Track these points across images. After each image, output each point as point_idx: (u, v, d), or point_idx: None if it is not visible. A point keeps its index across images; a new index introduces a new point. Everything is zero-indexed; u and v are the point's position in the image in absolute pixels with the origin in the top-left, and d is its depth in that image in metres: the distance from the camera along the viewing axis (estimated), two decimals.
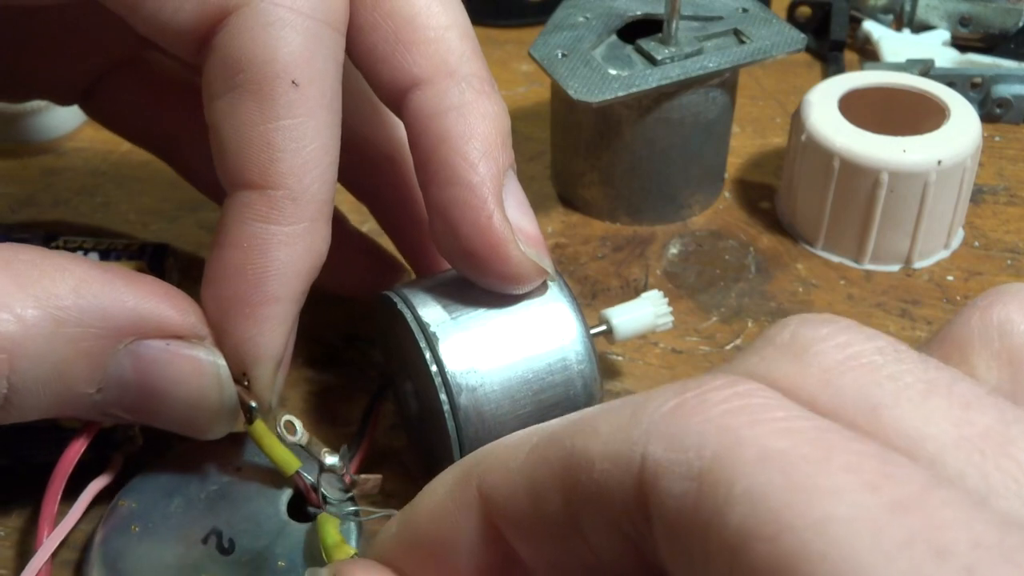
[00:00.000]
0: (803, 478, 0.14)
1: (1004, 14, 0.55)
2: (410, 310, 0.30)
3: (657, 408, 0.16)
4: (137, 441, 0.32)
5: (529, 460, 0.18)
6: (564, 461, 0.17)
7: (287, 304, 0.27)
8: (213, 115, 0.27)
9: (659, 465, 0.15)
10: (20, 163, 0.49)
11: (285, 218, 0.27)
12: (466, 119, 0.29)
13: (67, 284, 0.25)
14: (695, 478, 0.15)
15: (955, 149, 0.40)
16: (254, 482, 0.30)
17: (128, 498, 0.30)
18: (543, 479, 0.18)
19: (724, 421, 0.15)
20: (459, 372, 0.29)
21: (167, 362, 0.27)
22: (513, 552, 0.19)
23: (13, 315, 0.24)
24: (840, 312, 0.40)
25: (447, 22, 0.29)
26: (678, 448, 0.15)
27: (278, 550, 0.29)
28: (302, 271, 0.27)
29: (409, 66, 0.29)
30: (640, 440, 0.16)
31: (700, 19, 0.43)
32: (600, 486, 0.17)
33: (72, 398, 0.26)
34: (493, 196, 0.28)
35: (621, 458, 0.16)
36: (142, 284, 0.27)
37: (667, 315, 0.35)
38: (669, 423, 0.16)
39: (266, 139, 0.26)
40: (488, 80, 0.30)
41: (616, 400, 0.18)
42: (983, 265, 0.42)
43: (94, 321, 0.25)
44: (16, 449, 0.32)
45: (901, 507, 0.13)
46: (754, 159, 0.49)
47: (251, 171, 0.27)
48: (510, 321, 0.30)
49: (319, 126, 0.27)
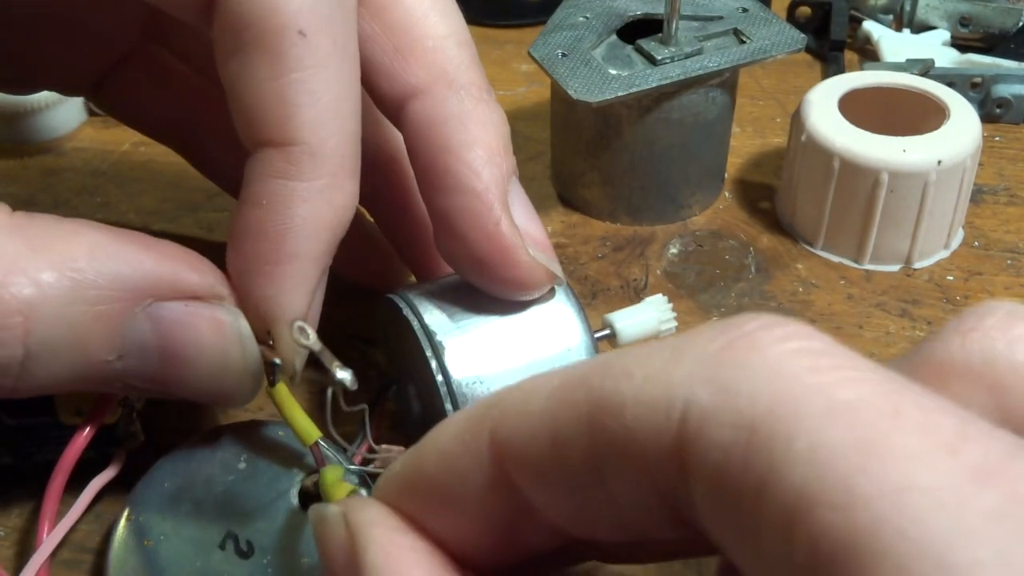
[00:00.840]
0: (877, 437, 0.12)
1: (1004, 14, 0.55)
2: (416, 317, 0.30)
3: (703, 348, 0.15)
4: (139, 437, 0.32)
5: (551, 402, 0.17)
6: (592, 404, 0.16)
7: (308, 262, 0.27)
8: (226, 76, 0.27)
9: (704, 411, 0.14)
10: (20, 163, 0.49)
11: (304, 174, 0.26)
12: (467, 127, 0.28)
13: (82, 247, 0.25)
14: (746, 427, 0.13)
15: (955, 149, 0.40)
16: (260, 478, 0.30)
17: (135, 510, 0.29)
18: (566, 422, 0.16)
19: (782, 365, 0.14)
20: (465, 382, 0.29)
21: (187, 324, 0.26)
22: (525, 500, 0.18)
23: (29, 278, 0.24)
24: (840, 312, 0.40)
25: (445, 31, 0.29)
26: (728, 393, 0.14)
27: (298, 546, 0.28)
28: (324, 228, 0.27)
29: (408, 76, 0.29)
30: (683, 382, 0.14)
31: (700, 19, 0.43)
32: (631, 433, 0.15)
33: (91, 366, 0.25)
34: (499, 202, 0.28)
35: (659, 402, 0.15)
36: (158, 246, 0.26)
37: (671, 320, 0.35)
38: (717, 364, 0.14)
39: (278, 95, 0.26)
40: (487, 88, 0.30)
41: (650, 342, 0.16)
42: (983, 265, 0.42)
43: (110, 283, 0.25)
44: (17, 447, 0.32)
45: (985, 474, 0.12)
46: (754, 159, 0.49)
47: (268, 129, 0.26)
48: (515, 329, 0.30)
49: (332, 76, 0.26)
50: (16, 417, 0.31)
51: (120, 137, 0.51)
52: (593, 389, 0.16)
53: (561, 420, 0.16)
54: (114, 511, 0.32)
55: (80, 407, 0.30)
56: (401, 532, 0.20)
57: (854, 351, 0.15)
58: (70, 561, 0.31)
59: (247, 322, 0.27)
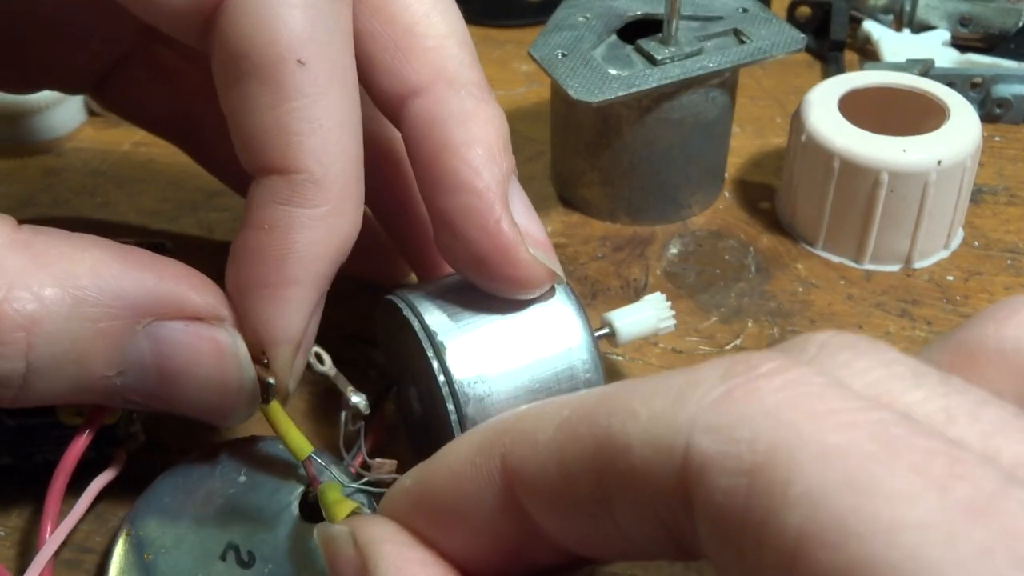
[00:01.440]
0: (868, 479, 0.13)
1: (1004, 14, 0.55)
2: (416, 317, 0.30)
3: (704, 394, 0.15)
4: (140, 438, 0.32)
5: (559, 436, 0.17)
6: (598, 441, 0.16)
7: (308, 287, 0.27)
8: (227, 104, 0.27)
9: (706, 457, 0.14)
10: (20, 163, 0.49)
11: (307, 200, 0.26)
12: (467, 126, 0.28)
13: (85, 264, 0.25)
14: (746, 473, 0.14)
15: (955, 149, 0.40)
16: (261, 490, 0.30)
17: (135, 525, 0.29)
18: (574, 457, 0.17)
19: (779, 412, 0.14)
20: (467, 382, 0.29)
21: (186, 344, 0.26)
22: (534, 524, 0.18)
23: (32, 293, 0.24)
24: (840, 312, 0.40)
25: (446, 30, 0.29)
26: (728, 440, 0.14)
27: (300, 556, 0.28)
28: (325, 254, 0.27)
29: (408, 74, 0.29)
30: (684, 428, 0.15)
31: (700, 19, 0.43)
32: (638, 472, 0.16)
33: (91, 381, 0.26)
34: (499, 201, 0.28)
35: (662, 446, 0.15)
36: (161, 265, 0.26)
37: (670, 318, 0.35)
38: (717, 411, 0.15)
39: (280, 124, 0.26)
40: (486, 88, 0.30)
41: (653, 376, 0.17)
42: (983, 265, 0.42)
43: (112, 301, 0.25)
44: (17, 447, 0.32)
45: (976, 511, 0.12)
46: (754, 159, 0.49)
47: (270, 157, 0.26)
48: (516, 329, 0.30)
49: (333, 103, 0.26)
50: (16, 417, 0.31)
51: (120, 137, 0.51)
52: (600, 427, 0.16)
53: (568, 454, 0.17)
54: (115, 511, 0.32)
55: (81, 408, 0.30)
56: (411, 547, 0.20)
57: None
58: (71, 561, 0.31)
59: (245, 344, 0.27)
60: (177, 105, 0.37)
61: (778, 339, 0.39)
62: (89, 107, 0.52)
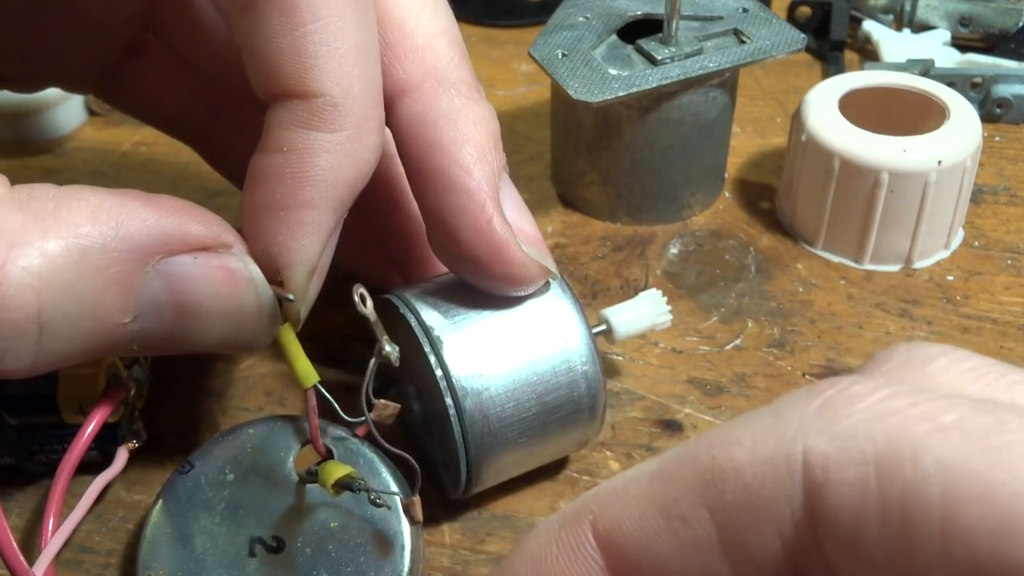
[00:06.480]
0: (991, 438, 0.14)
1: (1004, 14, 0.55)
2: (413, 314, 0.30)
3: (804, 407, 0.16)
4: (141, 436, 0.33)
5: (655, 484, 0.17)
6: (704, 475, 0.16)
7: (325, 211, 0.26)
8: (240, 34, 0.26)
9: (826, 455, 0.15)
10: (20, 163, 0.49)
11: (327, 124, 0.26)
12: (457, 125, 0.28)
13: (84, 212, 0.24)
14: (871, 461, 0.14)
15: (955, 149, 0.40)
16: (253, 479, 0.29)
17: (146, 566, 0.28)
18: (678, 499, 0.17)
19: (884, 407, 0.15)
20: (464, 376, 0.29)
21: (199, 275, 0.26)
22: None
23: (36, 249, 0.23)
24: (840, 312, 0.40)
25: (436, 29, 0.29)
26: (843, 436, 0.15)
27: (320, 515, 0.28)
28: (343, 180, 0.26)
29: (398, 73, 0.29)
30: (795, 438, 0.15)
31: (700, 19, 0.43)
32: (752, 491, 0.16)
33: (106, 332, 0.25)
34: (491, 200, 0.28)
35: (777, 459, 0.16)
36: (159, 201, 0.26)
37: (666, 313, 0.35)
38: (824, 416, 0.15)
39: (295, 48, 0.25)
40: (476, 86, 0.30)
41: (732, 419, 0.17)
42: (983, 265, 0.42)
43: (117, 244, 0.24)
44: (19, 446, 0.32)
45: None
46: (754, 159, 0.49)
47: (287, 82, 0.26)
48: (513, 324, 0.30)
49: (349, 24, 0.26)
50: (18, 416, 0.31)
51: (120, 137, 0.51)
52: (702, 462, 0.17)
53: (672, 498, 0.17)
54: (116, 511, 0.32)
55: (82, 406, 0.30)
56: None
57: None
58: (71, 561, 0.31)
59: (257, 267, 0.27)
60: (183, 100, 0.37)
61: (778, 339, 0.39)
62: (90, 107, 0.52)
